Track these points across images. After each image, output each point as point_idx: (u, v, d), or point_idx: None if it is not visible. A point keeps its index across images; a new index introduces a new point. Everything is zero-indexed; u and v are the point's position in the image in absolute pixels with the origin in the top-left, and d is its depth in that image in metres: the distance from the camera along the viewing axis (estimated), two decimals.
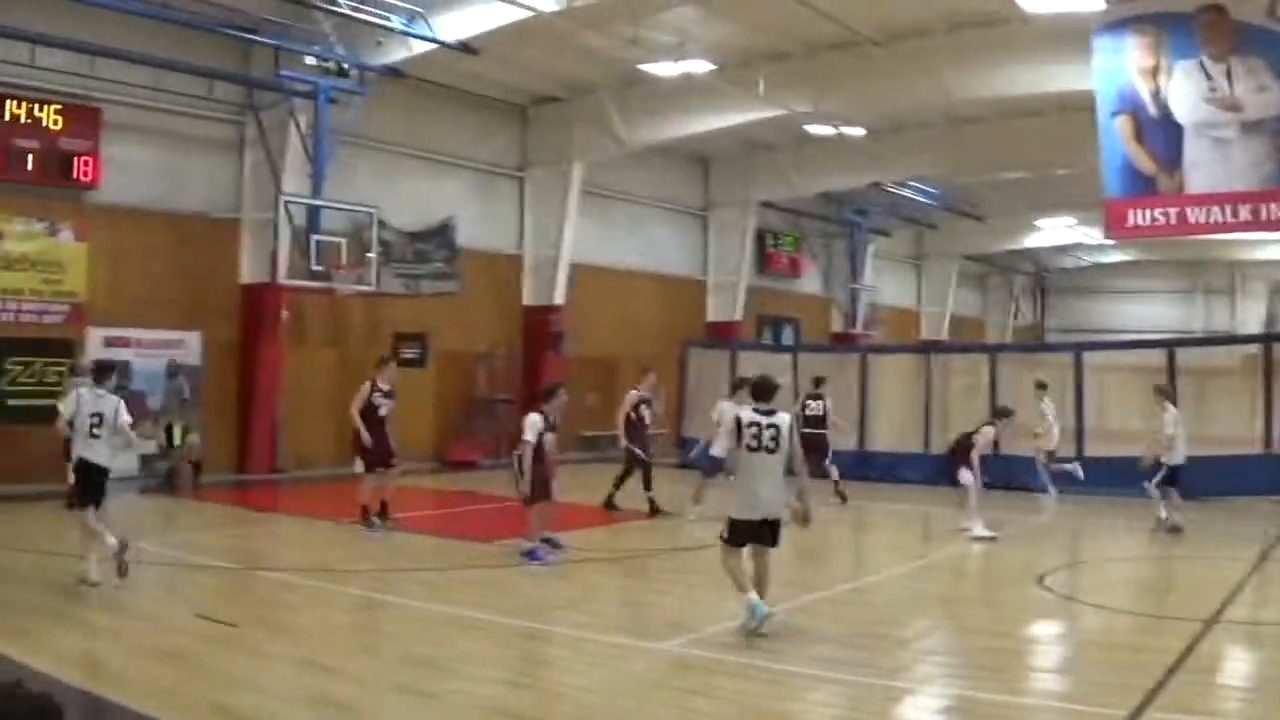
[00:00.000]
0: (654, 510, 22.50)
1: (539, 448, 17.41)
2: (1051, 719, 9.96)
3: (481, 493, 26.56)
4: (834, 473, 25.31)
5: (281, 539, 20.19)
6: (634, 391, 23.28)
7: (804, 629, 13.21)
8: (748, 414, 12.78)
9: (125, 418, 14.89)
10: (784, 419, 12.79)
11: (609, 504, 22.81)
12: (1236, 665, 12.22)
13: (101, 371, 15.52)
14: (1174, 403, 22.33)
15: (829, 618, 14.20)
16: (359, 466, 20.49)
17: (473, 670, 11.20)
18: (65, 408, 14.84)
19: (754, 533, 12.78)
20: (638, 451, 22.64)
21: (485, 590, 15.29)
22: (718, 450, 17.49)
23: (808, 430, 23.22)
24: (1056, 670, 11.90)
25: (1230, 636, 13.24)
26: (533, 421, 17.45)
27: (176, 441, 25.64)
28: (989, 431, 21.77)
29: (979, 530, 20.71)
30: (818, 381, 26.61)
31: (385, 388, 20.65)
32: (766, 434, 12.58)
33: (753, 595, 12.54)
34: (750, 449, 12.59)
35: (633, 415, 22.74)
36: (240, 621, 12.65)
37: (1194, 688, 10.85)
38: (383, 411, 20.50)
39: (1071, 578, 17.79)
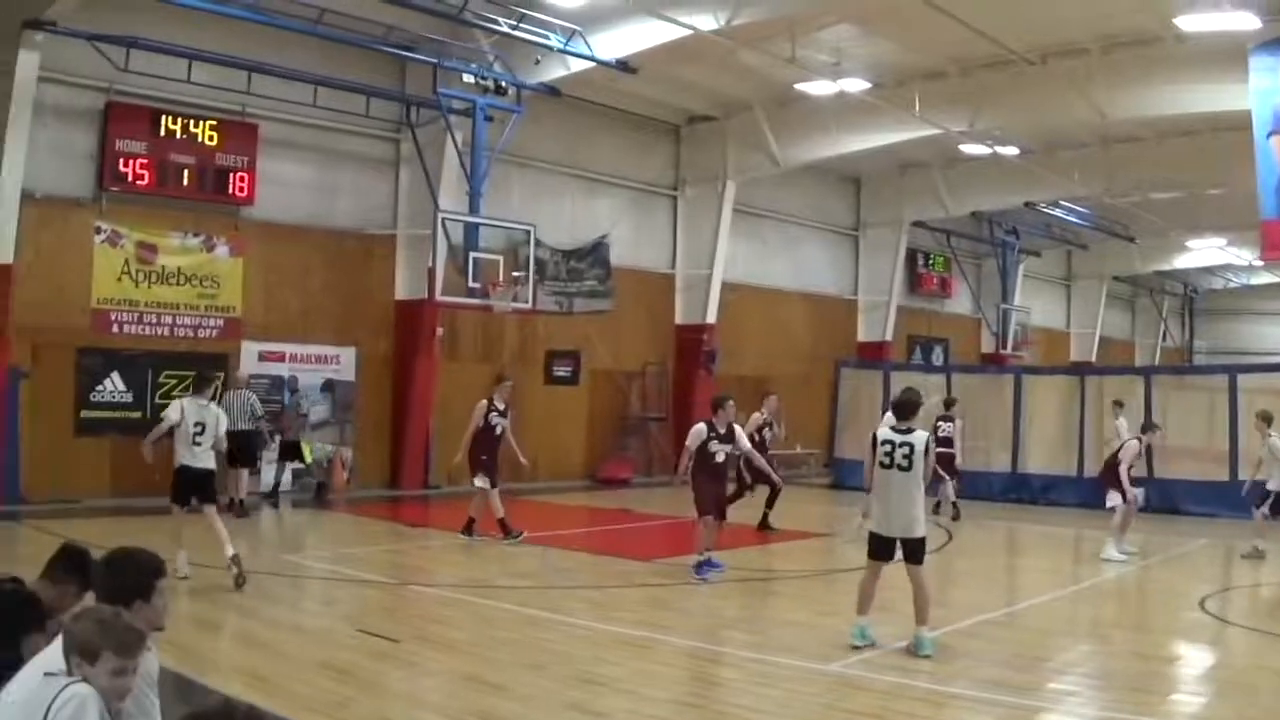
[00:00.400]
0: (764, 526, 22.62)
1: (702, 459, 16.97)
2: None
3: (636, 510, 26.42)
4: (950, 493, 24.97)
5: (435, 554, 20.04)
6: (757, 415, 23.02)
7: (967, 651, 13.06)
8: (884, 432, 12.90)
9: (225, 427, 15.75)
10: (920, 437, 12.75)
11: (764, 525, 22.42)
12: None
13: (203, 383, 16.34)
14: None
15: (990, 640, 13.97)
16: (482, 481, 20.07)
17: (641, 689, 10.99)
18: (172, 415, 15.40)
19: (888, 549, 12.75)
20: (768, 473, 22.08)
21: (648, 608, 15.14)
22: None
23: (939, 450, 22.87)
24: (1222, 695, 11.54)
25: None
26: (695, 431, 17.13)
27: (307, 459, 25.43)
28: (1134, 445, 21.17)
29: (1109, 552, 20.37)
30: (949, 404, 26.14)
31: (500, 406, 20.46)
32: (900, 452, 12.58)
33: (861, 619, 12.75)
34: (884, 465, 12.63)
35: (756, 437, 22.24)
36: (401, 637, 12.55)
37: None
38: (499, 430, 20.33)
39: (1231, 601, 17.21)
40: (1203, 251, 54.44)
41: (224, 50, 23.84)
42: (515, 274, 26.89)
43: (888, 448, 12.62)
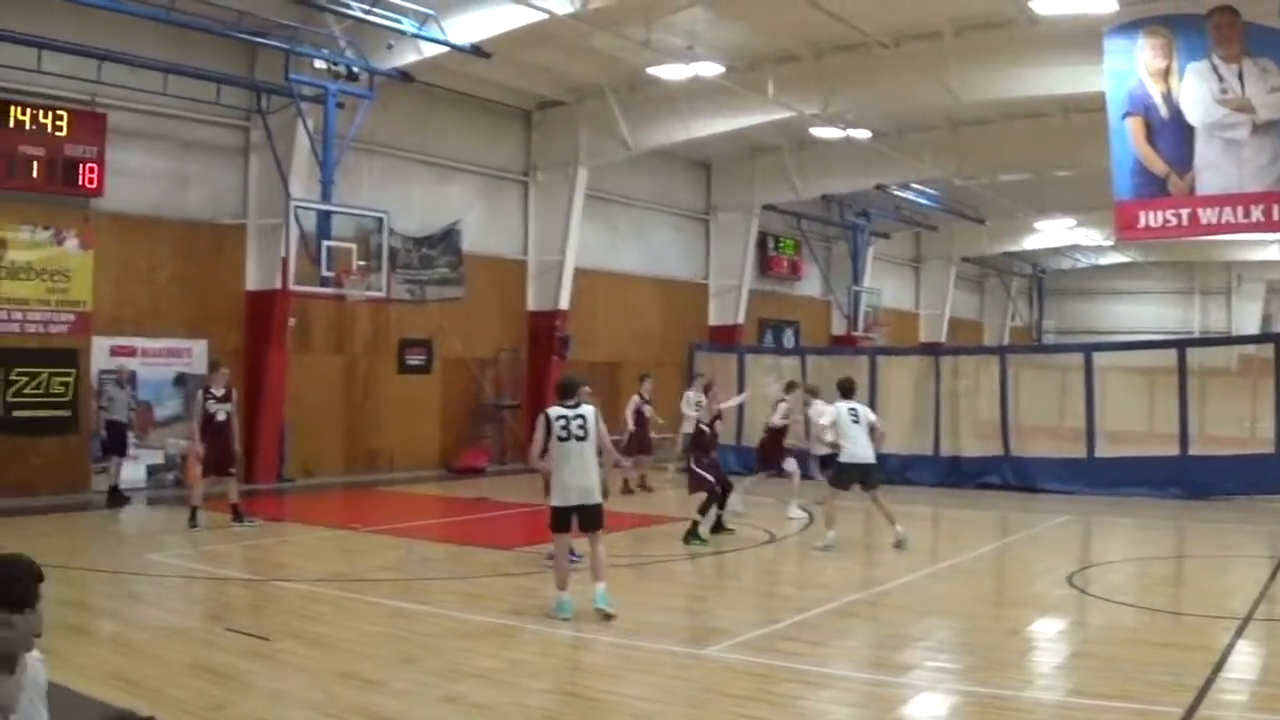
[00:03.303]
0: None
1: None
2: (1109, 717, 10.03)
3: (493, 499, 26.56)
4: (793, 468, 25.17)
5: (296, 549, 19.99)
6: (635, 397, 23.80)
7: (842, 631, 13.73)
8: (555, 409, 14.00)
9: None
10: (589, 410, 14.12)
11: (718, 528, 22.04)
12: (1276, 661, 12.42)
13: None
14: None
15: (862, 619, 14.63)
16: (199, 470, 20.76)
17: (520, 680, 11.17)
18: None
19: (570, 519, 13.91)
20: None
21: (517, 597, 15.24)
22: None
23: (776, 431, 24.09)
24: (1101, 669, 11.88)
25: (1267, 635, 13.60)
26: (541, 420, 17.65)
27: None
28: (782, 408, 23.39)
29: (793, 511, 22.92)
30: (789, 386, 26.65)
31: (218, 393, 20.90)
32: (575, 424, 13.85)
33: (562, 593, 13.80)
34: (561, 439, 13.82)
35: (634, 419, 23.04)
36: (271, 634, 12.60)
37: (1241, 685, 11.24)
38: (220, 417, 20.78)
39: (1095, 577, 17.81)
40: (1051, 232, 56.00)
41: (73, 39, 23.70)
42: (367, 262, 27.26)
43: (563, 422, 13.84)
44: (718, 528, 20.78)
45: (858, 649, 12.99)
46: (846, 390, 20.41)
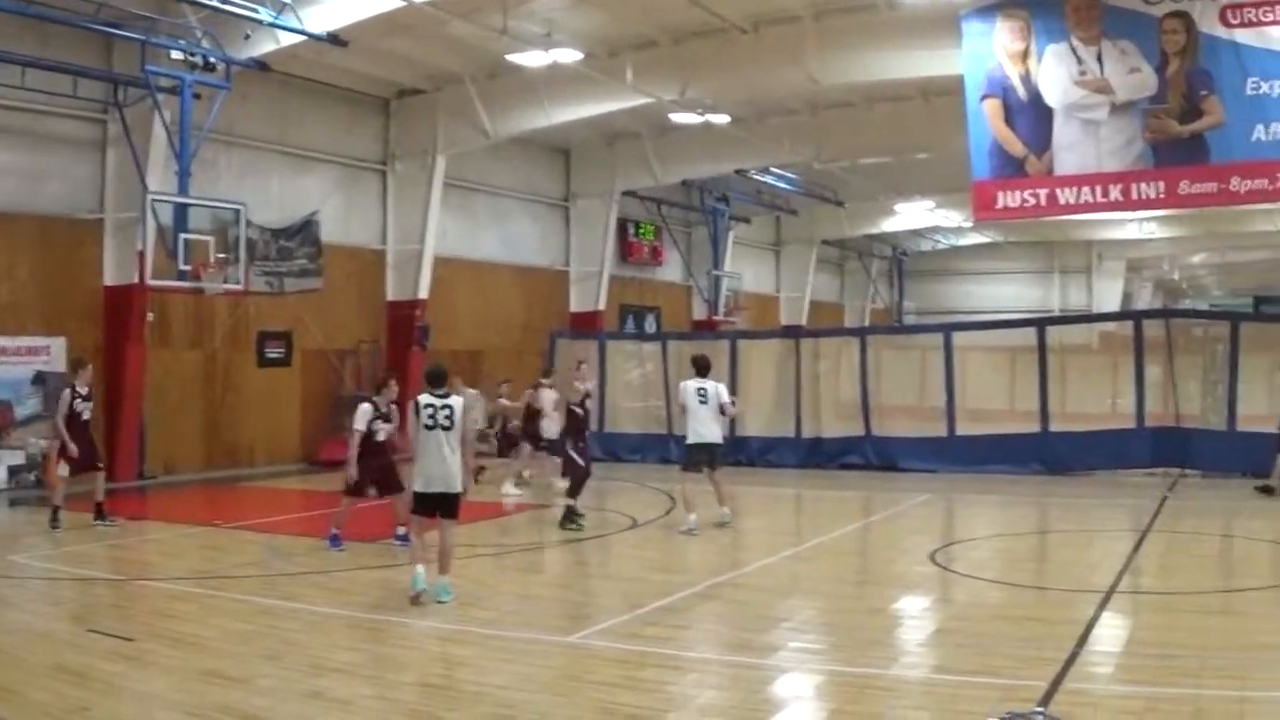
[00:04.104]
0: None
1: (369, 437, 18.04)
2: (972, 693, 10.33)
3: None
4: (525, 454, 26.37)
5: (158, 547, 20.01)
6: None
7: (705, 614, 14.27)
8: (424, 397, 14.51)
9: None
10: (457, 400, 14.72)
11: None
12: (1140, 634, 12.81)
13: None
14: None
15: (725, 602, 15.06)
16: (64, 470, 20.80)
17: (383, 673, 11.46)
18: None
19: (432, 505, 14.56)
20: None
21: (379, 590, 15.53)
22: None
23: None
24: (965, 645, 12.33)
25: (1130, 606, 14.19)
26: (362, 411, 18.12)
27: None
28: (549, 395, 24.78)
29: (506, 489, 24.60)
30: (546, 372, 27.51)
31: (84, 391, 20.96)
32: (441, 414, 14.39)
33: (419, 567, 14.26)
34: (427, 427, 14.36)
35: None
36: (135, 635, 12.65)
37: (1104, 657, 11.68)
38: (85, 416, 20.92)
39: (958, 555, 18.39)
40: (911, 214, 57.01)
41: None
42: (225, 255, 27.32)
43: (430, 410, 14.36)
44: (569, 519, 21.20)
45: (722, 631, 13.42)
46: (701, 368, 20.99)
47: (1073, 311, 62.21)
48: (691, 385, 20.72)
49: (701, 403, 20.51)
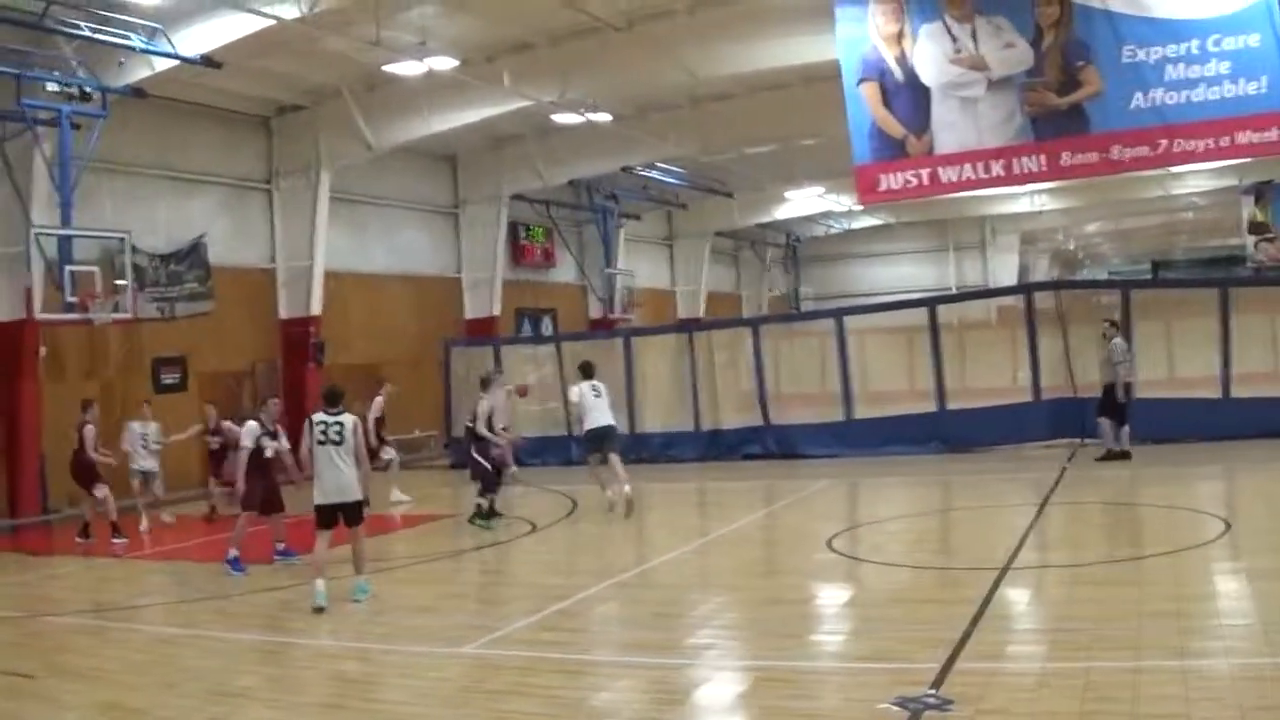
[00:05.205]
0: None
1: (254, 455, 18.87)
2: (866, 679, 10.77)
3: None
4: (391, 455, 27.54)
5: (61, 581, 20.06)
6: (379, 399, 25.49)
7: (602, 616, 14.78)
8: (318, 415, 15.86)
9: None
10: (349, 418, 15.87)
11: None
12: (1036, 609, 13.49)
13: None
14: None
15: (624, 602, 15.55)
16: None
17: (282, 696, 11.72)
18: None
19: (331, 516, 15.77)
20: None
21: (277, 611, 15.86)
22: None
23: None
24: (861, 631, 12.95)
25: (1026, 581, 14.65)
26: (249, 428, 19.00)
27: None
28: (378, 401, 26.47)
29: (396, 495, 26.01)
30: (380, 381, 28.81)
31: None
32: (333, 429, 15.64)
33: (319, 581, 15.29)
34: (320, 443, 15.64)
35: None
36: (35, 672, 12.80)
37: (998, 634, 12.15)
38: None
39: (859, 539, 19.10)
40: (802, 201, 58.27)
41: None
42: (114, 284, 27.55)
43: (322, 427, 15.67)
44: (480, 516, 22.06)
45: (619, 632, 14.00)
46: (587, 372, 22.99)
47: (969, 288, 62.92)
48: (585, 386, 22.47)
49: (596, 397, 22.26)
